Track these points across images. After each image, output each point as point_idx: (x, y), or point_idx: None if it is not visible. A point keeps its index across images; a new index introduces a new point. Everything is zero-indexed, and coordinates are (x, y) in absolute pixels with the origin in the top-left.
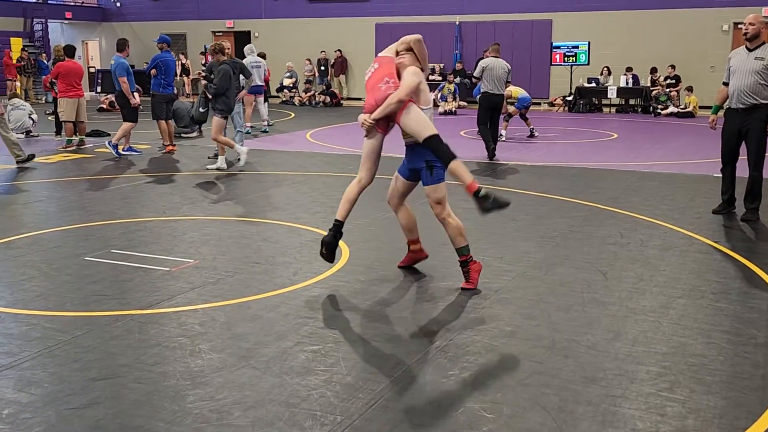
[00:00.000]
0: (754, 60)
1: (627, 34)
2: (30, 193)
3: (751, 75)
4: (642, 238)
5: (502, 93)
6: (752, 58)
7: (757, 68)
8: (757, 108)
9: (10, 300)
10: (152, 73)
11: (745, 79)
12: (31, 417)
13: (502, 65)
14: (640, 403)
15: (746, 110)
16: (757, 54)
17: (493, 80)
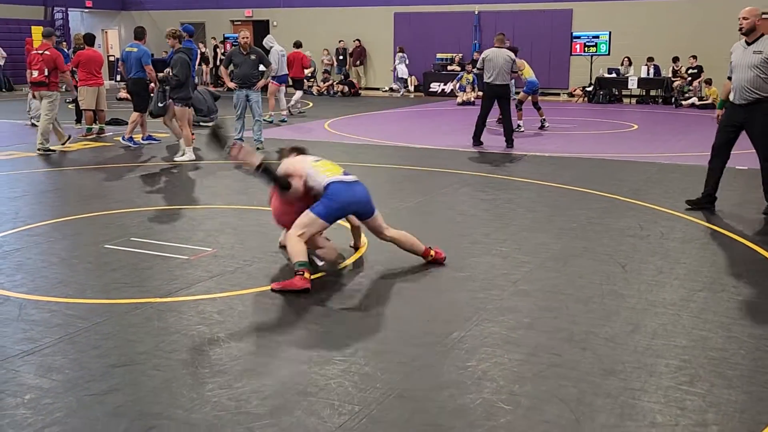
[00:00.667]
0: (753, 54)
1: (649, 24)
2: (50, 181)
3: (750, 69)
4: (662, 231)
5: (505, 83)
6: (750, 52)
7: (756, 62)
8: (760, 102)
9: (31, 287)
10: None
11: (745, 73)
12: (52, 402)
13: (503, 55)
14: (659, 396)
15: (749, 105)
16: (755, 48)
17: (494, 70)
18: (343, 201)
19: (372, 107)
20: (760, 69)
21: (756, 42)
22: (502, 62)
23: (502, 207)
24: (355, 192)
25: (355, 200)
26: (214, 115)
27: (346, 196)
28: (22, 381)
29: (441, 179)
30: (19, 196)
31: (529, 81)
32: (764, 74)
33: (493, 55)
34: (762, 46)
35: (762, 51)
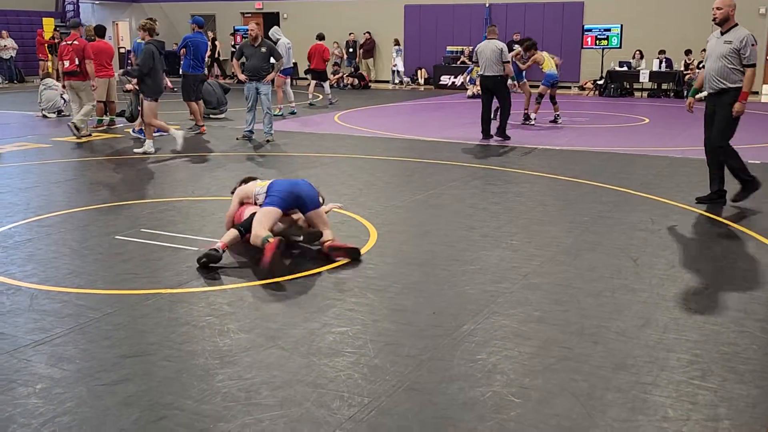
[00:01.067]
0: (723, 44)
1: (661, 17)
2: (61, 172)
3: (719, 59)
4: (674, 225)
5: (495, 74)
6: (722, 42)
7: (725, 52)
8: (725, 92)
9: (42, 277)
10: (182, 52)
11: (714, 63)
12: (63, 392)
13: (491, 46)
14: (671, 390)
15: (716, 94)
16: (726, 38)
17: (483, 62)
18: (285, 189)
19: (382, 100)
20: (727, 59)
21: (728, 32)
22: (489, 53)
23: (512, 200)
24: (297, 183)
25: (297, 189)
26: (223, 107)
27: (287, 185)
28: (34, 370)
29: (451, 172)
30: (30, 187)
31: (548, 74)
32: (731, 64)
33: (483, 47)
34: (732, 36)
35: (731, 41)
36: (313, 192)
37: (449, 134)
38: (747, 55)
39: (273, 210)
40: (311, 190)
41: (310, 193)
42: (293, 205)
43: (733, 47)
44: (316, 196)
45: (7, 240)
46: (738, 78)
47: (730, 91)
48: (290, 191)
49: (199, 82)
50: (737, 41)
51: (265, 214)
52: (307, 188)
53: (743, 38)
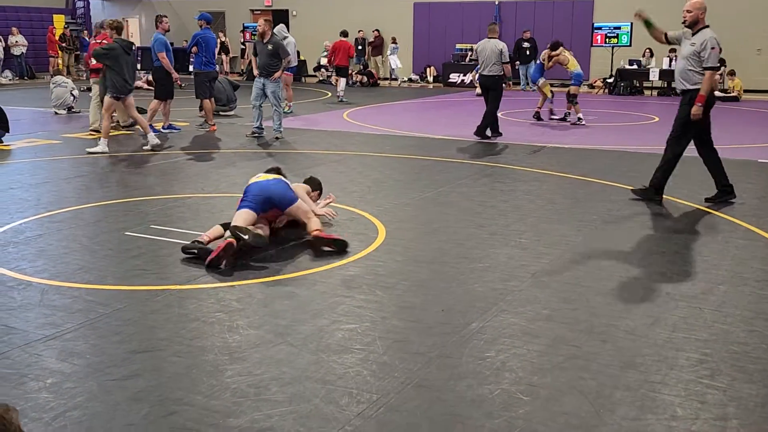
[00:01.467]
0: (689, 45)
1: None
2: (71, 169)
3: (683, 60)
4: (683, 224)
5: (493, 74)
6: (688, 44)
7: (688, 53)
8: (685, 93)
9: (53, 272)
10: (193, 50)
11: (679, 63)
12: (73, 387)
13: (491, 46)
14: (679, 389)
15: (680, 94)
16: (692, 39)
17: (483, 61)
18: (255, 192)
19: (391, 97)
20: (689, 61)
21: (695, 34)
22: (489, 53)
23: (521, 198)
24: (267, 185)
25: (267, 191)
26: (233, 104)
27: (257, 188)
28: (45, 365)
29: (459, 170)
30: (41, 183)
31: (576, 73)
32: (692, 66)
33: (482, 46)
34: (698, 38)
35: (696, 43)
36: (282, 191)
37: (458, 132)
38: (706, 57)
39: (245, 212)
40: (281, 190)
41: (280, 192)
42: (268, 206)
43: (695, 50)
44: (286, 194)
45: (18, 236)
46: (698, 80)
47: (689, 92)
48: (259, 194)
49: (211, 80)
50: (699, 44)
51: (239, 216)
52: (277, 188)
53: (704, 41)
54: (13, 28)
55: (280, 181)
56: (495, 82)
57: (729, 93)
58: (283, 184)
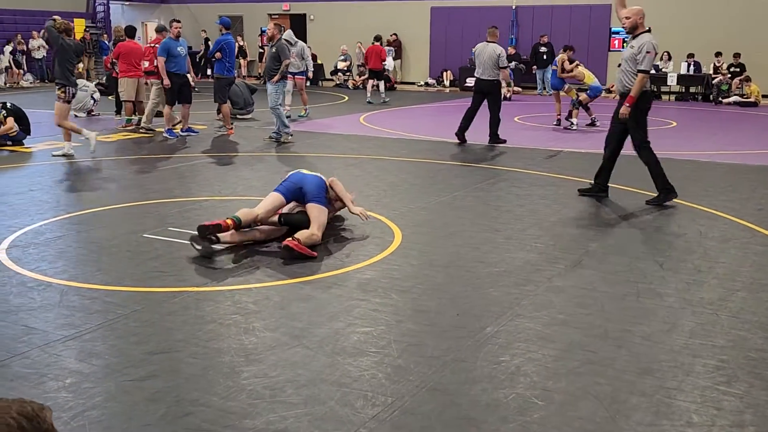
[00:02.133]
0: (629, 48)
1: (689, 20)
2: (90, 171)
3: (623, 62)
4: (701, 229)
5: (491, 79)
6: (628, 47)
7: (626, 56)
8: (623, 95)
9: (72, 274)
10: (217, 56)
11: (621, 66)
12: (92, 387)
13: (489, 50)
14: (695, 396)
15: (621, 96)
16: (632, 42)
17: (480, 65)
18: (292, 180)
19: (407, 101)
20: (627, 63)
21: (635, 38)
22: (486, 57)
23: (537, 203)
24: (305, 176)
25: (302, 182)
26: (250, 107)
27: (296, 177)
28: (64, 365)
29: (475, 174)
30: (60, 185)
31: (592, 87)
32: (630, 68)
33: (480, 50)
34: (637, 41)
35: (634, 46)
36: (316, 189)
37: (474, 136)
38: (640, 60)
39: (274, 195)
40: (315, 187)
41: (313, 189)
42: (296, 195)
43: (632, 52)
44: (318, 193)
45: (38, 237)
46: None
47: (626, 95)
48: (295, 182)
49: (230, 85)
50: (637, 47)
51: (267, 197)
52: (313, 183)
53: (641, 45)
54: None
55: (321, 180)
56: (492, 87)
57: (747, 98)
58: (321, 182)
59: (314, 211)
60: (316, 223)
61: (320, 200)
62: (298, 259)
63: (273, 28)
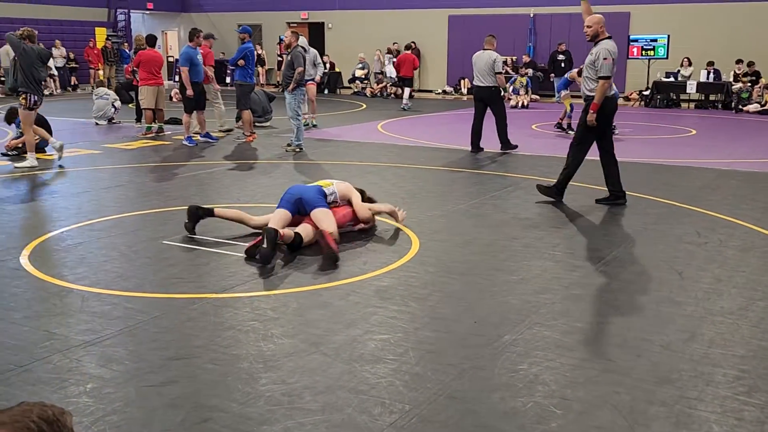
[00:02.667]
0: (589, 55)
1: (709, 28)
2: (111, 178)
3: (584, 69)
4: (720, 238)
5: (489, 85)
6: (589, 53)
7: (587, 63)
8: (587, 100)
9: (93, 280)
10: (240, 63)
11: (583, 72)
12: (112, 392)
13: (485, 57)
14: (716, 406)
15: (585, 100)
16: (592, 49)
17: (477, 73)
18: (290, 192)
19: (425, 109)
20: (587, 70)
21: (596, 45)
22: (482, 64)
23: (554, 210)
24: (302, 187)
25: (299, 193)
26: (269, 115)
27: (294, 189)
28: (85, 370)
29: (493, 182)
30: (81, 192)
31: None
32: (588, 74)
33: (477, 57)
34: (595, 49)
35: (593, 53)
36: (315, 196)
37: (491, 144)
38: (598, 67)
39: (281, 211)
40: (314, 194)
41: (312, 196)
42: (298, 207)
43: (592, 59)
44: (318, 199)
45: (59, 243)
46: (594, 87)
47: (588, 99)
48: (294, 194)
49: (251, 92)
50: (595, 54)
51: (275, 214)
52: (310, 192)
53: (599, 51)
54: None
55: (318, 187)
56: (491, 94)
57: (765, 107)
58: (318, 189)
59: (319, 215)
60: (326, 223)
61: (321, 204)
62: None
63: (290, 35)
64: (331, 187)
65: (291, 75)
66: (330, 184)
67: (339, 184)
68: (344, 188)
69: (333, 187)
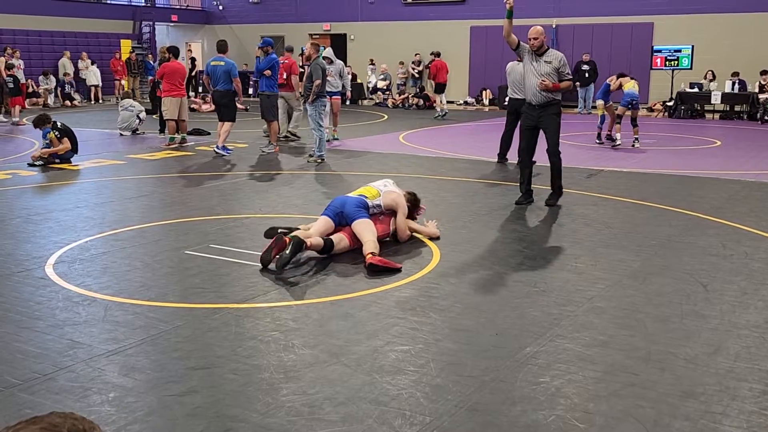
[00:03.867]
0: (544, 63)
1: (734, 38)
2: (135, 188)
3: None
4: (746, 251)
5: (520, 97)
6: (543, 62)
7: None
8: (550, 105)
9: (116, 289)
10: (266, 73)
11: (533, 80)
12: (134, 401)
13: (519, 68)
14: (741, 421)
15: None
16: (545, 58)
17: (511, 84)
18: (333, 202)
19: (446, 120)
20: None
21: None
22: (516, 75)
23: (577, 222)
24: (346, 198)
25: (341, 204)
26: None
27: (337, 200)
28: (107, 379)
29: (514, 193)
30: (105, 202)
31: (626, 93)
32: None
33: (511, 68)
34: (550, 57)
35: (551, 62)
36: (354, 209)
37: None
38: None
39: (324, 219)
40: (353, 207)
41: (351, 209)
42: (340, 219)
43: (554, 66)
44: (357, 211)
45: (84, 253)
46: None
47: (554, 104)
48: (337, 206)
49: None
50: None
51: (319, 221)
52: (351, 204)
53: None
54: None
55: (359, 199)
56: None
57: None
58: (359, 201)
59: (359, 227)
60: (366, 235)
61: (361, 215)
62: (384, 273)
63: (310, 47)
64: (376, 200)
65: (310, 87)
66: (377, 196)
67: (387, 195)
68: (390, 201)
69: (379, 200)
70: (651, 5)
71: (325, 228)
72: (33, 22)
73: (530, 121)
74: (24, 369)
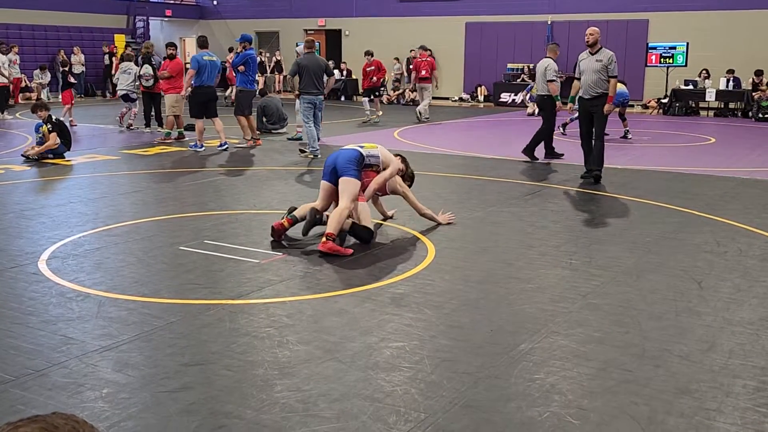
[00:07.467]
0: (595, 61)
1: (729, 35)
2: (129, 184)
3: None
4: (740, 247)
5: (541, 94)
6: (594, 60)
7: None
8: (599, 97)
9: (110, 285)
10: (240, 69)
11: (591, 77)
12: (128, 397)
13: (540, 65)
14: (735, 417)
15: (592, 99)
16: (597, 57)
17: (537, 81)
18: (327, 162)
19: (442, 116)
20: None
21: (598, 53)
22: (538, 72)
23: (572, 219)
24: (336, 154)
25: (333, 160)
26: (284, 122)
27: (329, 159)
28: (101, 375)
29: (510, 190)
30: (99, 198)
31: (618, 92)
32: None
33: (538, 65)
34: (602, 55)
35: (602, 60)
36: (345, 163)
37: (508, 152)
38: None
39: (323, 183)
40: (344, 161)
41: (342, 163)
42: (335, 176)
43: (605, 64)
44: (347, 166)
45: (77, 248)
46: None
47: (603, 95)
48: (329, 164)
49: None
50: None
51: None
52: (343, 158)
53: (610, 56)
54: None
55: (353, 152)
56: (543, 102)
57: None
58: (352, 154)
59: (342, 185)
60: (344, 197)
61: (350, 172)
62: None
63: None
64: (374, 151)
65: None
66: (374, 147)
67: (383, 151)
68: (388, 158)
69: (377, 151)
70: (646, 2)
71: (329, 196)
72: (25, 17)
73: (586, 110)
74: (17, 365)
